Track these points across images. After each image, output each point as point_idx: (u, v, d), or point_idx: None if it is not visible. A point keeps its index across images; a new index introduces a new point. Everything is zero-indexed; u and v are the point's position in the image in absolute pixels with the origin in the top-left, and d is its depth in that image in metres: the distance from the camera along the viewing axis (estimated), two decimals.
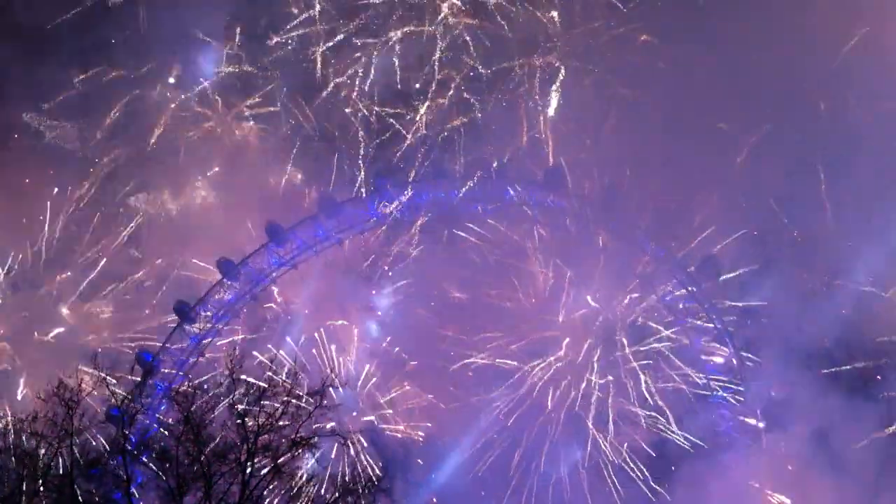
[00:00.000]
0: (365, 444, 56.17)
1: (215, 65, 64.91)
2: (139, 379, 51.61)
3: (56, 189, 63.97)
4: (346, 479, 50.08)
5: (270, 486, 41.94)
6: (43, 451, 40.91)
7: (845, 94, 55.93)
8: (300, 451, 43.07)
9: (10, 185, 62.31)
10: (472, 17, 63.01)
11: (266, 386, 42.92)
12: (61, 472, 41.70)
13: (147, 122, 64.64)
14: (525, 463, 56.49)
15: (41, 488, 41.19)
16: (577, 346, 57.51)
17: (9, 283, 63.13)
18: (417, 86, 63.42)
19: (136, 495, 42.34)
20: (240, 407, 42.59)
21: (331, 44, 63.54)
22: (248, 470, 41.36)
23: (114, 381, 43.82)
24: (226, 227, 62.14)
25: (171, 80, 65.57)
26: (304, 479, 46.03)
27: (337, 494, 45.52)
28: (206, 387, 44.13)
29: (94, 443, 44.07)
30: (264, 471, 41.74)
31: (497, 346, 58.09)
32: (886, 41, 55.25)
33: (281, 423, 42.28)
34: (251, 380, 43.61)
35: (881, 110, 55.20)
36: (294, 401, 42.23)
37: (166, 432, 44.52)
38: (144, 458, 43.15)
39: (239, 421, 42.28)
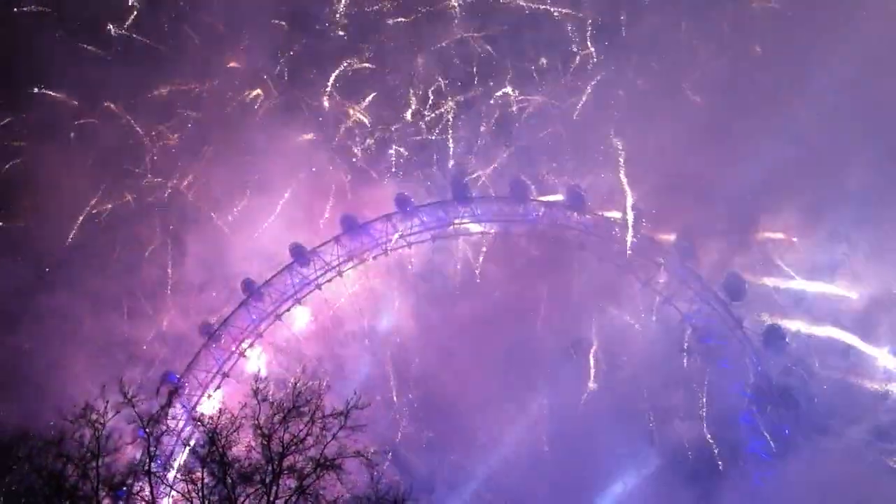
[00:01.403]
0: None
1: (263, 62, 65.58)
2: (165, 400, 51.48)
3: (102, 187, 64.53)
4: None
5: None
6: (69, 472, 41.05)
7: None
8: (325, 472, 42.72)
9: (51, 181, 62.85)
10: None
11: (294, 403, 42.82)
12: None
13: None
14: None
15: None
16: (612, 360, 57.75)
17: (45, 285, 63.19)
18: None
19: None
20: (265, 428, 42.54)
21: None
22: (274, 490, 41.29)
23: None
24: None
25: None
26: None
27: None
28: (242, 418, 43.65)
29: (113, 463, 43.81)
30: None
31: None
32: None
33: (307, 442, 42.33)
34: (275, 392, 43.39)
35: None
36: (333, 418, 42.17)
37: (192, 454, 44.38)
38: (170, 480, 43.03)
39: (264, 442, 42.27)
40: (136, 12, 66.03)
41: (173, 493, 42.94)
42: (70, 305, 61.57)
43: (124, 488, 42.24)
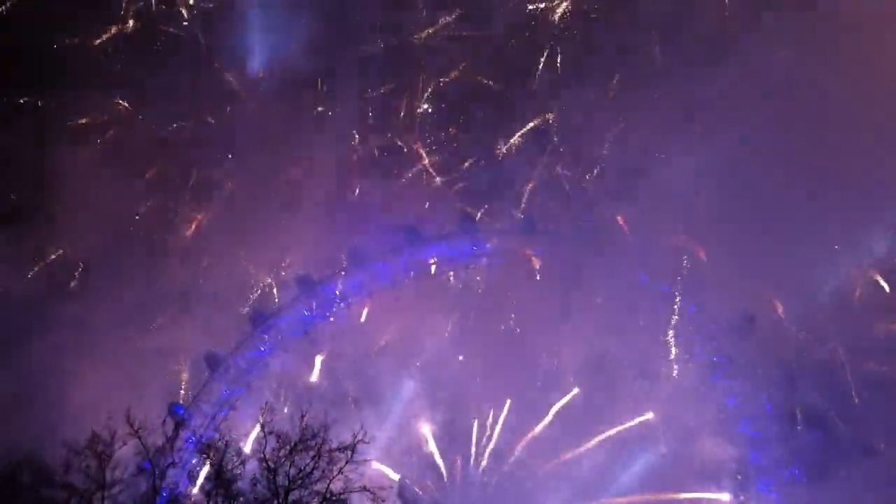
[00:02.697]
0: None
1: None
2: (171, 432, 51.12)
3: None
4: None
5: None
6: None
7: None
8: None
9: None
10: None
11: (301, 437, 42.72)
12: None
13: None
14: None
15: None
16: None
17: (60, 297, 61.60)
18: None
19: None
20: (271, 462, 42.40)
21: None
22: None
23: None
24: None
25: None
26: None
27: None
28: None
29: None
30: None
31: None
32: None
33: (314, 476, 42.23)
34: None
35: None
36: (339, 452, 42.04)
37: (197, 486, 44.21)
38: None
39: (270, 476, 42.13)
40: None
41: None
42: (83, 321, 59.77)
43: None
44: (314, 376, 58.48)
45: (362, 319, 59.75)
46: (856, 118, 55.01)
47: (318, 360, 58.60)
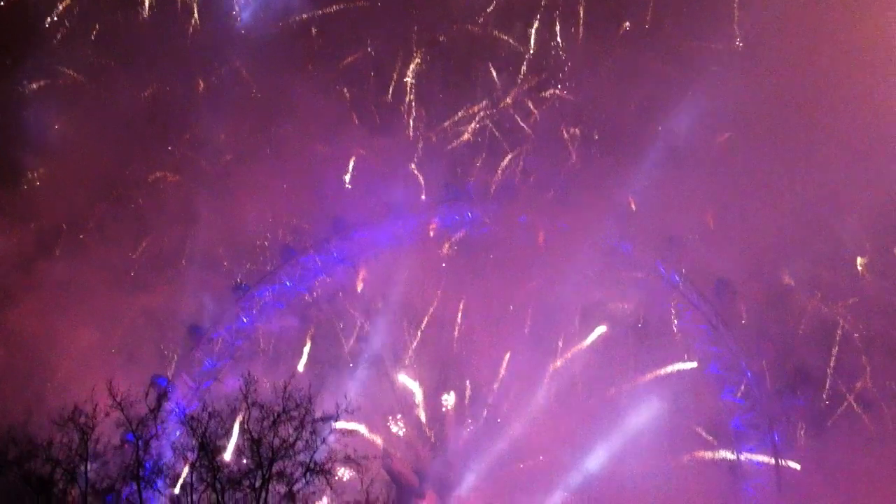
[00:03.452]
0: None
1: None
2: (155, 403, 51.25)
3: None
4: None
5: None
6: (58, 476, 41.08)
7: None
8: (315, 477, 42.76)
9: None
10: None
11: (284, 407, 42.70)
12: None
13: None
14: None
15: None
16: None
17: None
18: None
19: None
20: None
21: None
22: (263, 496, 41.33)
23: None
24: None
25: None
26: None
27: None
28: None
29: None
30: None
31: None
32: None
33: (297, 447, 42.32)
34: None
35: None
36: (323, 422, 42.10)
37: (181, 458, 44.35)
38: (159, 485, 43.02)
39: (254, 446, 42.23)
40: None
41: (162, 497, 42.95)
42: (68, 287, 59.52)
43: (112, 493, 42.32)
44: (305, 346, 58.61)
45: (359, 288, 59.78)
46: (864, 80, 54.83)
47: (309, 333, 58.78)
